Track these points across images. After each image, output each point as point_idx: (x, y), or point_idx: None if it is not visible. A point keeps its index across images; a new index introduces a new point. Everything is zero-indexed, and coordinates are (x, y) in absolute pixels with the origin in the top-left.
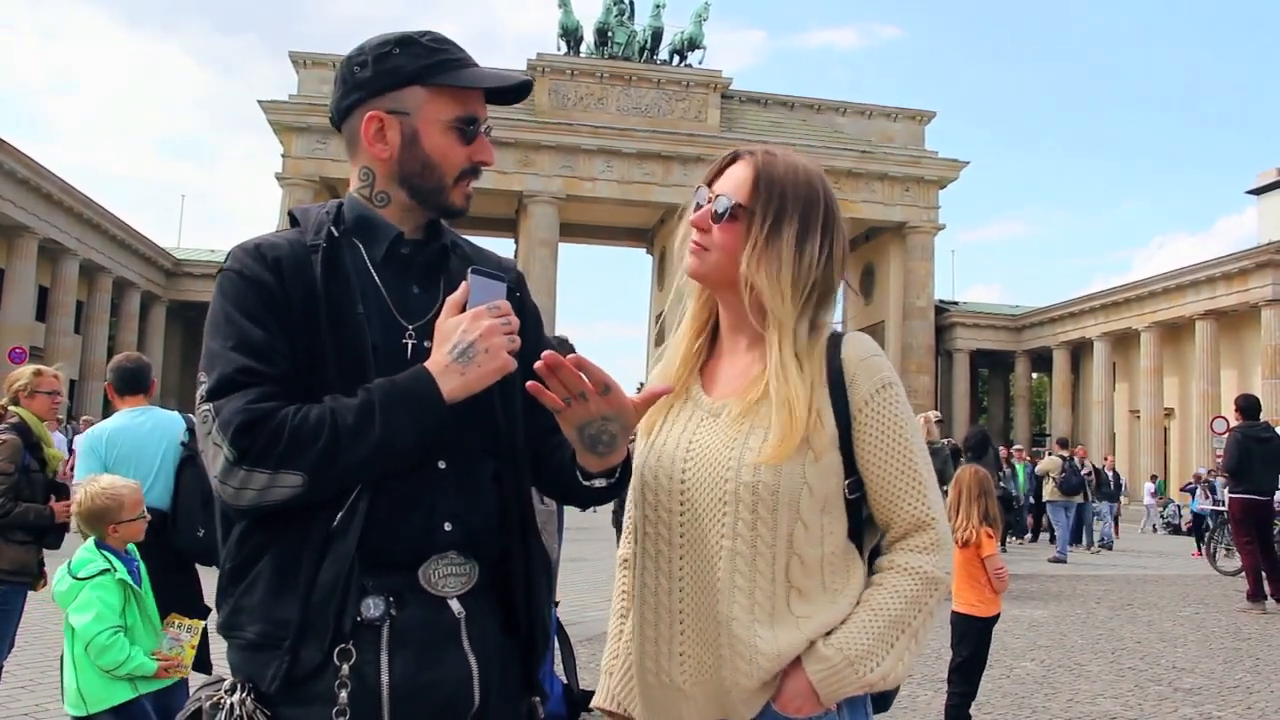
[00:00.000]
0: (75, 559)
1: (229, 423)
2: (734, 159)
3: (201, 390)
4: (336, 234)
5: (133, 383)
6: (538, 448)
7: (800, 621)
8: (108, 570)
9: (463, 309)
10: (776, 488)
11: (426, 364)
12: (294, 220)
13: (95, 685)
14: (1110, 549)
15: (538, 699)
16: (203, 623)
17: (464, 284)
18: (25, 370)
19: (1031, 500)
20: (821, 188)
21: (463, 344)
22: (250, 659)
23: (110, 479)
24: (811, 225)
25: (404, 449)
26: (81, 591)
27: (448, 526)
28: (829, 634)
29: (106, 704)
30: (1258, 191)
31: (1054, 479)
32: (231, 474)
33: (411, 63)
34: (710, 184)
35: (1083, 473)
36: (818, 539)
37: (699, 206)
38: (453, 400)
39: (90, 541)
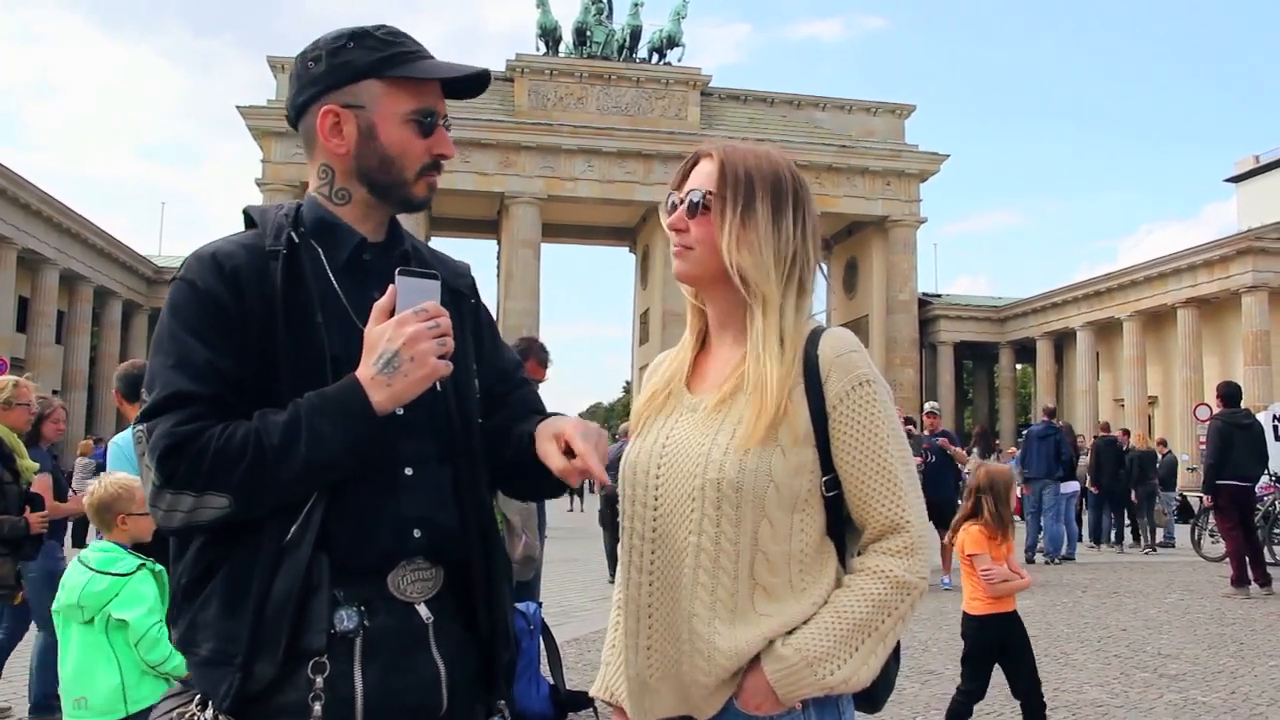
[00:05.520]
0: (100, 558)
1: (156, 446)
2: (696, 160)
3: (141, 410)
4: (296, 238)
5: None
6: (493, 448)
7: (762, 620)
8: (143, 565)
9: (392, 314)
10: (740, 484)
11: (356, 373)
12: (250, 221)
13: (142, 683)
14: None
15: (503, 702)
16: None
17: (391, 287)
18: (4, 382)
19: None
20: (786, 166)
21: (387, 353)
22: (205, 675)
23: (126, 474)
24: (783, 201)
25: (333, 464)
26: (125, 587)
27: (416, 533)
28: (790, 634)
29: (150, 701)
30: (1236, 179)
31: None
32: (160, 497)
33: (366, 56)
34: (679, 188)
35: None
36: (785, 536)
37: (672, 210)
38: (382, 412)
39: (103, 540)
